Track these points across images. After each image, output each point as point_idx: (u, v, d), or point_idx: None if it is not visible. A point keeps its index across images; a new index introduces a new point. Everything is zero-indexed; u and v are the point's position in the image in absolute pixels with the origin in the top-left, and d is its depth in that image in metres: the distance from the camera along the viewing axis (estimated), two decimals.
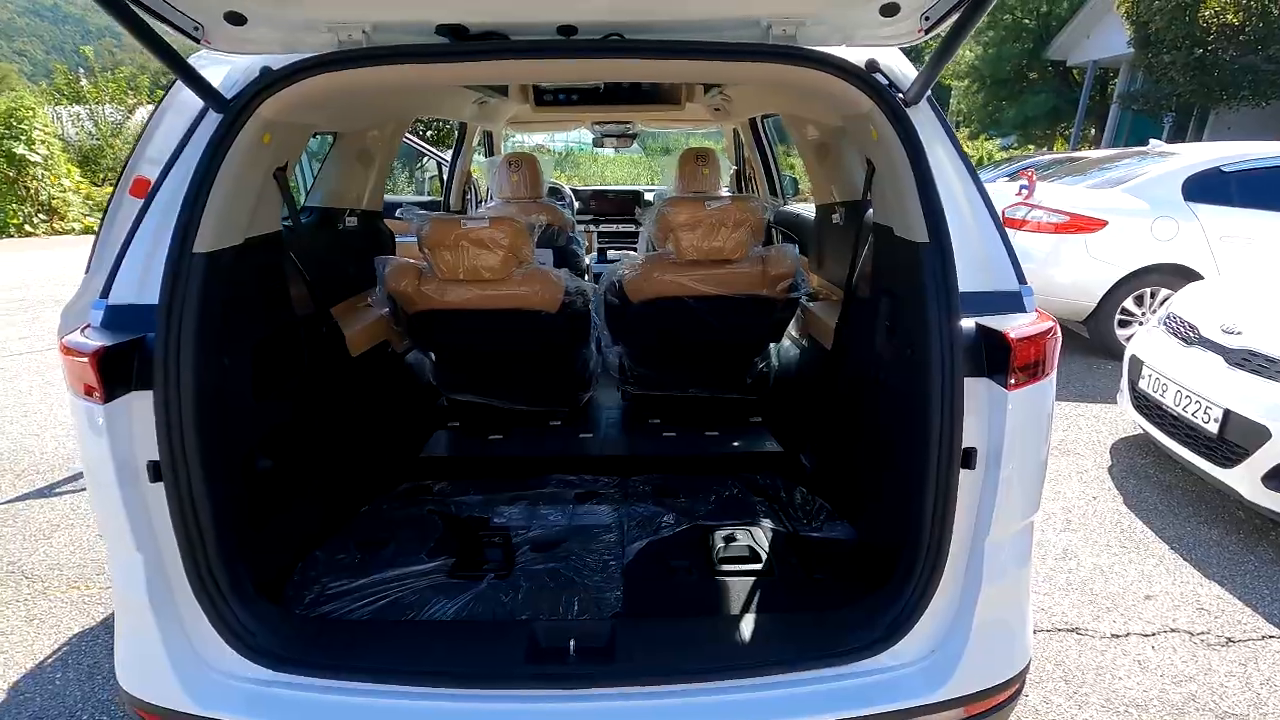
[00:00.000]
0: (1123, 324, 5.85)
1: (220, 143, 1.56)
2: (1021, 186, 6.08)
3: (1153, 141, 7.03)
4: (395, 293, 2.55)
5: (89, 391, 1.40)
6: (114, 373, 1.40)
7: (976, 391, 1.48)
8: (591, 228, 6.11)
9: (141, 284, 1.53)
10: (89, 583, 2.93)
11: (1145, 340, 4.01)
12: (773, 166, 4.57)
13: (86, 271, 1.93)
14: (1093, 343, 6.01)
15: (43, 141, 13.71)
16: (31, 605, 2.79)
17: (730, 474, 2.63)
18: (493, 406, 2.94)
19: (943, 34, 1.61)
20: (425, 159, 5.69)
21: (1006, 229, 5.32)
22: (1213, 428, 3.26)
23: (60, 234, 14.00)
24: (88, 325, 1.51)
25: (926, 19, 1.58)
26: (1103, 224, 5.62)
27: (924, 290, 1.51)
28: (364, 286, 2.87)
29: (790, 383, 2.99)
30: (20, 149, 13.23)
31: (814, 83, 1.72)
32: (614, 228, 6.25)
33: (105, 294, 1.53)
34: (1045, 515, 3.50)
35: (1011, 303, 1.57)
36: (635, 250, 5.68)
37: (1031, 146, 21.94)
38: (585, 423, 3.11)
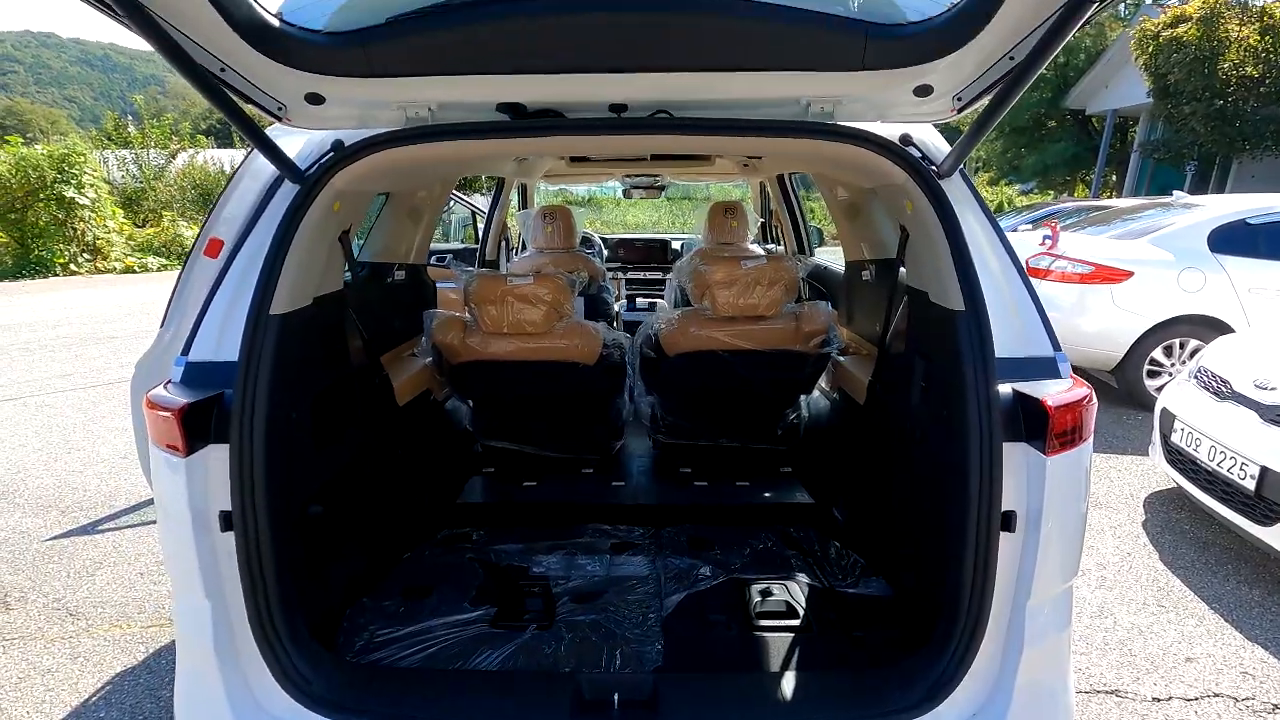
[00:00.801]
0: (1152, 374, 5.81)
1: (297, 212, 1.68)
2: (1045, 237, 6.13)
3: (1176, 193, 7.07)
4: (441, 345, 2.66)
5: (171, 446, 1.49)
6: (195, 428, 1.49)
7: (1014, 456, 1.52)
8: (620, 275, 6.26)
9: (219, 342, 1.63)
10: (130, 621, 3.00)
11: (1176, 393, 3.99)
12: (800, 219, 4.68)
13: (161, 325, 2.05)
14: (1121, 393, 5.96)
15: (91, 185, 14.34)
16: (75, 643, 2.86)
17: (763, 525, 2.66)
18: (526, 453, 3.01)
19: (977, 110, 1.70)
20: (453, 203, 5.89)
21: (1031, 278, 5.39)
22: (1249, 485, 3.22)
23: (102, 273, 14.53)
24: (169, 381, 1.62)
25: (959, 99, 1.68)
26: (1128, 275, 5.64)
27: (961, 356, 1.56)
28: (409, 336, 2.98)
29: (821, 435, 3.03)
30: (70, 192, 13.84)
31: (850, 156, 1.82)
32: (642, 275, 6.38)
33: (186, 351, 1.64)
34: (1079, 571, 3.45)
35: (1047, 368, 1.61)
36: (662, 297, 5.79)
37: (1051, 193, 22.04)
38: (617, 471, 3.16)
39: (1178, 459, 3.81)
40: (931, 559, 1.83)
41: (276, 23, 1.50)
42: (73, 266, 14.11)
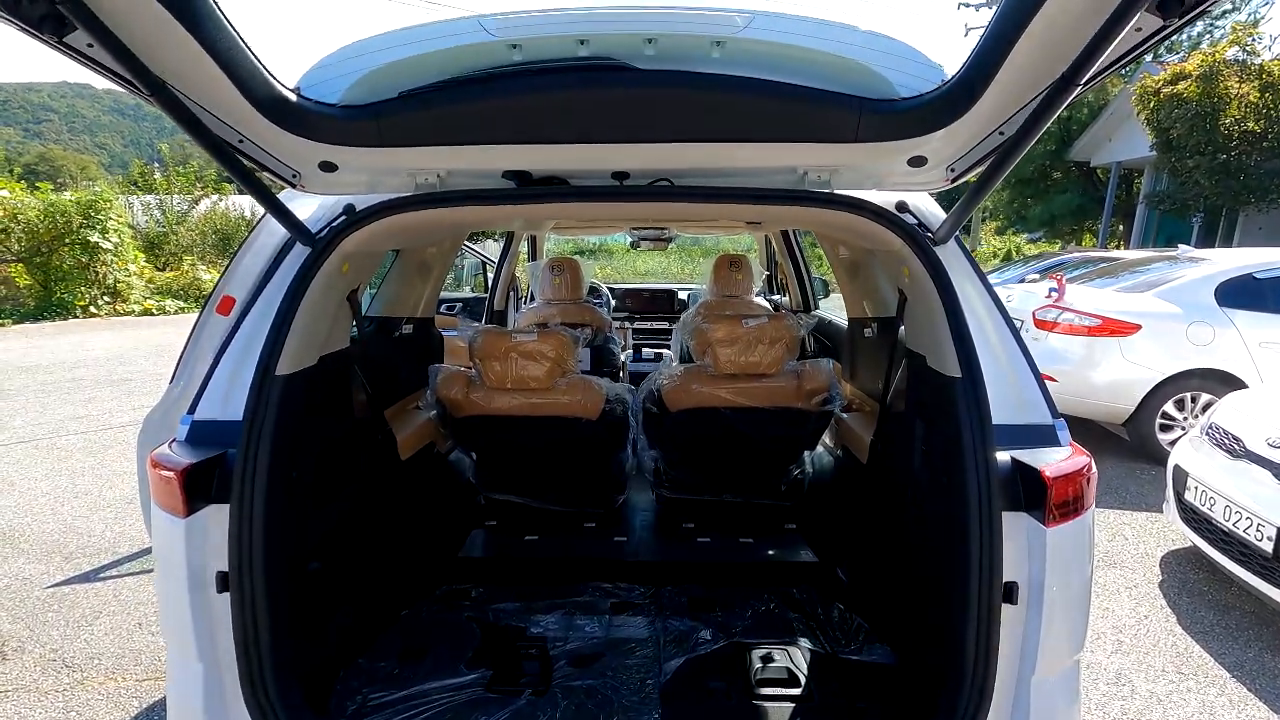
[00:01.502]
0: (1164, 428, 5.74)
1: (306, 274, 1.73)
2: (1051, 289, 6.15)
3: (1181, 247, 7.10)
4: (445, 399, 2.68)
5: (171, 507, 1.50)
6: (196, 488, 1.51)
7: (1015, 526, 1.50)
8: (627, 325, 6.31)
9: (225, 401, 1.66)
10: (125, 674, 2.97)
11: (1189, 450, 3.93)
12: (804, 273, 4.73)
13: (171, 380, 2.09)
14: (1134, 446, 5.89)
15: (115, 230, 14.73)
16: (70, 696, 2.82)
17: (765, 585, 2.62)
18: (529, 506, 3.00)
19: (970, 180, 1.74)
20: (465, 252, 6.00)
21: (1041, 330, 5.31)
22: (1267, 546, 3.15)
23: (121, 315, 14.80)
24: (174, 439, 1.64)
25: (952, 170, 1.72)
26: (1136, 328, 5.63)
27: (959, 423, 1.57)
28: (415, 389, 3.01)
29: (824, 491, 3.00)
30: (95, 237, 14.21)
31: (847, 222, 1.85)
32: (649, 325, 6.44)
33: (193, 409, 1.67)
34: (1095, 635, 3.36)
35: (1045, 436, 1.61)
36: (669, 347, 5.83)
37: (1059, 242, 22.16)
38: (619, 525, 3.13)
39: (1193, 518, 3.74)
40: (934, 628, 1.79)
41: (294, 98, 1.57)
42: (93, 309, 14.40)
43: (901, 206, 1.86)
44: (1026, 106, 1.44)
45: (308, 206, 2.04)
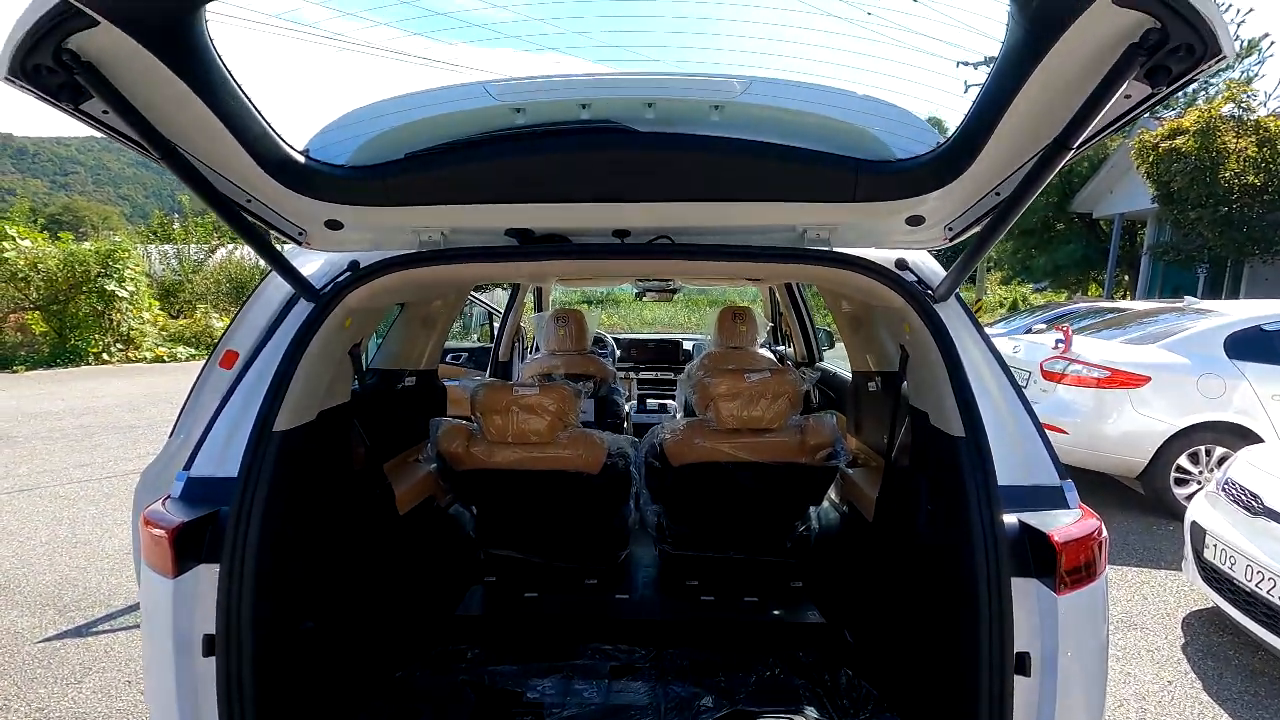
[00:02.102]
0: (1180, 482, 5.63)
1: (308, 330, 1.74)
2: (1058, 341, 6.13)
3: (1187, 298, 7.10)
4: (445, 453, 2.66)
5: (160, 566, 1.48)
6: (186, 548, 1.49)
7: (1026, 593, 1.45)
8: (632, 375, 6.31)
9: (221, 458, 1.65)
10: None
11: (1206, 506, 3.84)
12: (808, 324, 4.74)
13: (171, 434, 2.09)
14: (1149, 500, 5.76)
15: (131, 278, 15.01)
16: None
17: (771, 647, 2.53)
18: (531, 562, 2.94)
19: (969, 238, 1.75)
20: (471, 303, 6.06)
21: (1049, 382, 5.25)
22: None
23: (133, 362, 14.95)
24: (168, 496, 1.62)
25: (950, 229, 1.73)
26: (1145, 380, 5.58)
27: (963, 484, 1.53)
28: (417, 441, 2.99)
29: (831, 549, 2.94)
30: (112, 285, 14.48)
31: (845, 279, 1.86)
32: (653, 375, 6.43)
33: (188, 466, 1.66)
34: (1117, 702, 3.21)
35: (1053, 498, 1.57)
36: (673, 398, 5.81)
37: (1065, 292, 22.22)
38: (621, 582, 3.06)
39: (1213, 577, 3.62)
40: (945, 698, 1.72)
41: (303, 159, 1.61)
42: (105, 355, 14.56)
43: (901, 264, 1.87)
44: (1022, 168, 1.46)
45: (313, 263, 2.07)
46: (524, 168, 1.62)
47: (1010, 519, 1.49)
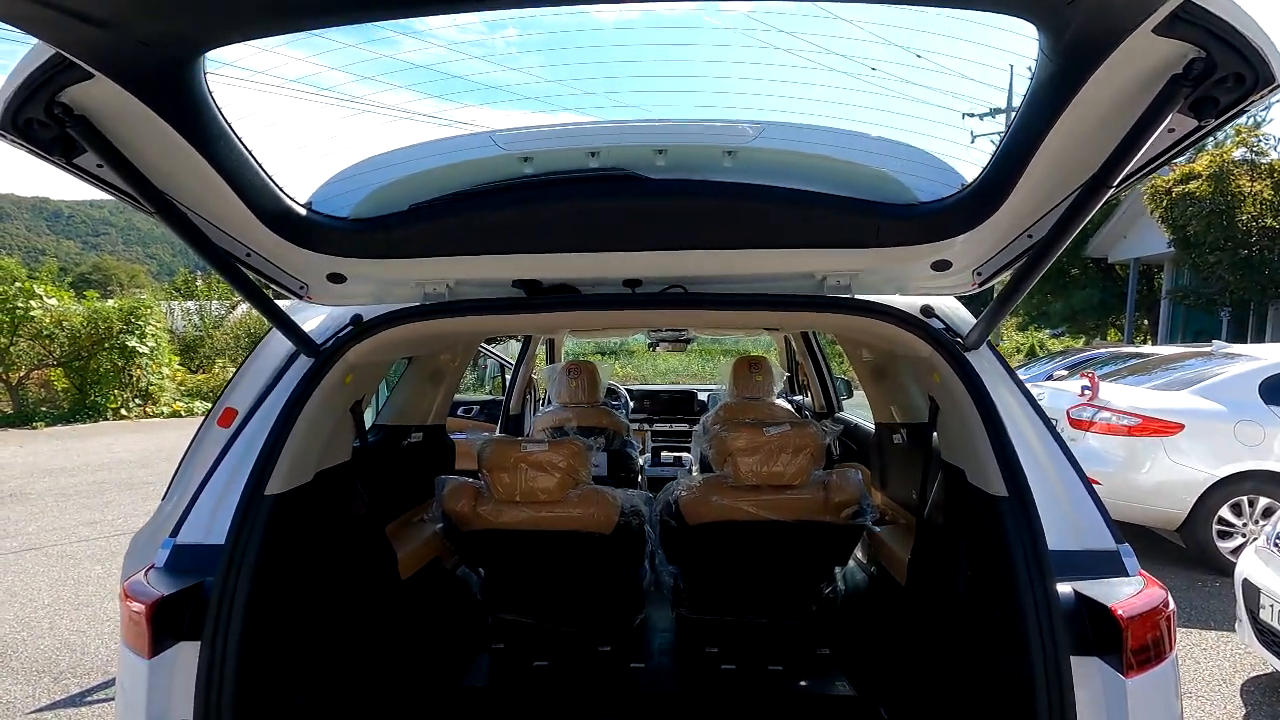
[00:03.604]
0: (1223, 535, 5.35)
1: (306, 387, 1.67)
2: (1084, 388, 5.95)
3: (1215, 342, 6.90)
4: (451, 512, 2.55)
5: (136, 644, 1.37)
6: (165, 624, 1.38)
7: (1087, 673, 1.30)
8: (645, 427, 6.18)
9: (210, 524, 1.56)
10: None
11: (1257, 562, 3.60)
12: (826, 373, 4.62)
13: (164, 497, 2.01)
14: (1190, 554, 5.47)
15: (153, 335, 15.24)
16: None
17: None
18: (541, 627, 2.78)
19: (1000, 284, 1.65)
20: (483, 355, 6.02)
21: (1077, 430, 5.01)
22: None
23: (151, 416, 15.04)
24: (151, 566, 1.53)
25: (978, 274, 1.64)
26: (1179, 427, 5.37)
27: (1009, 550, 1.40)
28: (422, 499, 2.88)
29: (859, 613, 2.75)
30: (133, 342, 14.70)
31: (869, 326, 1.77)
32: (668, 426, 6.30)
33: (175, 532, 1.56)
34: None
35: (1110, 564, 1.43)
36: (688, 450, 5.66)
37: (1083, 337, 21.94)
38: (637, 649, 2.88)
39: (1273, 640, 3.36)
40: None
41: (304, 212, 1.57)
42: (124, 411, 14.67)
43: (927, 311, 1.78)
44: (1056, 209, 1.38)
45: (316, 318, 2.01)
46: (532, 217, 1.57)
47: (1064, 588, 1.35)
